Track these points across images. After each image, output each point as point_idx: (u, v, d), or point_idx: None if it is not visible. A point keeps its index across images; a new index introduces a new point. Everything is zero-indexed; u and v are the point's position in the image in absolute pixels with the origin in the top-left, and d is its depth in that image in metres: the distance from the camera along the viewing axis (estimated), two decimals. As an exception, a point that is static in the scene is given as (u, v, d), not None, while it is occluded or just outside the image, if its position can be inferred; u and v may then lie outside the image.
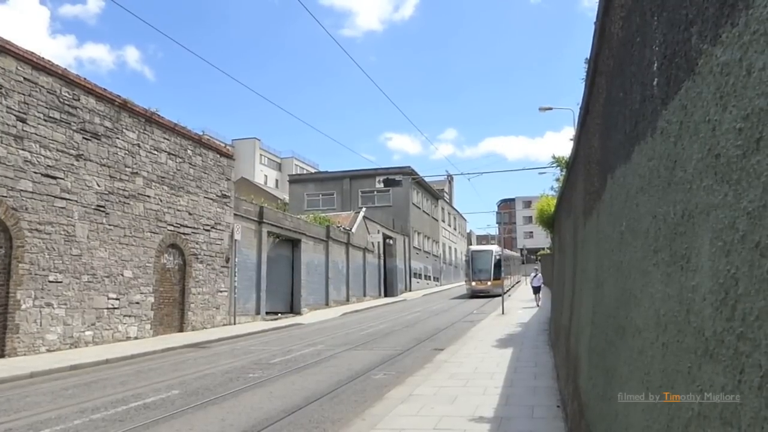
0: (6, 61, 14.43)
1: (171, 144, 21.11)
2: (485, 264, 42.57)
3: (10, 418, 8.53)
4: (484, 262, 42.77)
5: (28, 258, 14.85)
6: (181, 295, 21.45)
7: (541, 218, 25.28)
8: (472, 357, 13.11)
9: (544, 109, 29.66)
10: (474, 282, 42.82)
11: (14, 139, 14.57)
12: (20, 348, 14.47)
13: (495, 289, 38.16)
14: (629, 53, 2.88)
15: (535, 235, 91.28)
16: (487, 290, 40.59)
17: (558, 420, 7.08)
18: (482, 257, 43.52)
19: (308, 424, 7.88)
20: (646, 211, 2.40)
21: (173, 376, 12.28)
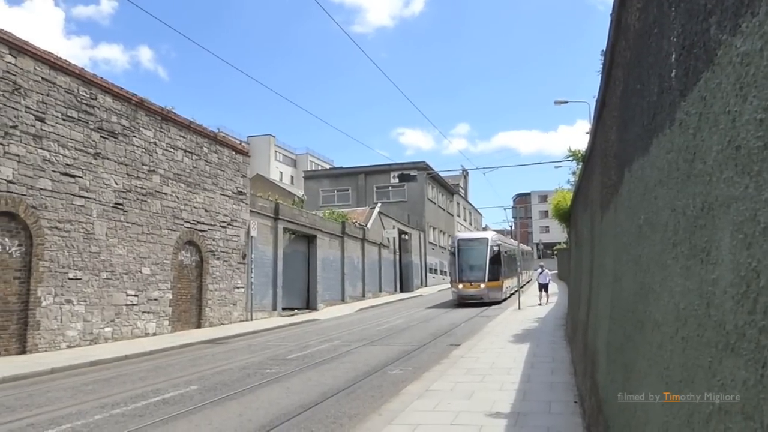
0: (24, 61, 14.59)
1: (187, 142, 21.24)
2: (477, 258, 31.11)
3: (32, 413, 8.65)
4: (474, 256, 31.32)
5: (48, 255, 15.03)
6: (198, 292, 21.61)
7: (557, 212, 25.12)
8: (489, 352, 13.08)
9: (559, 102, 29.50)
10: (461, 284, 31.00)
11: (33, 139, 14.74)
12: (41, 344, 14.66)
13: (492, 294, 30.44)
14: (646, 44, 2.85)
15: (551, 229, 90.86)
16: (480, 295, 30.19)
17: (576, 416, 7.05)
18: (472, 249, 31.77)
19: (325, 419, 7.91)
20: (665, 204, 2.37)
21: (191, 371, 12.39)
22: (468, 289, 30.48)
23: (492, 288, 30.50)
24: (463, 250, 31.80)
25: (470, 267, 31.01)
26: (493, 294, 30.49)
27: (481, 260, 30.77)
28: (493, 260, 30.84)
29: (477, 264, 30.83)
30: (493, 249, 31.22)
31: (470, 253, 31.52)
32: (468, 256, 31.52)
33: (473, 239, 33.10)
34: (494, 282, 30.65)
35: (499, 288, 30.97)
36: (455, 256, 31.93)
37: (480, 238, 32.81)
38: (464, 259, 31.41)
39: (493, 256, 31.07)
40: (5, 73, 14.01)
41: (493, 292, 30.46)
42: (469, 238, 33.67)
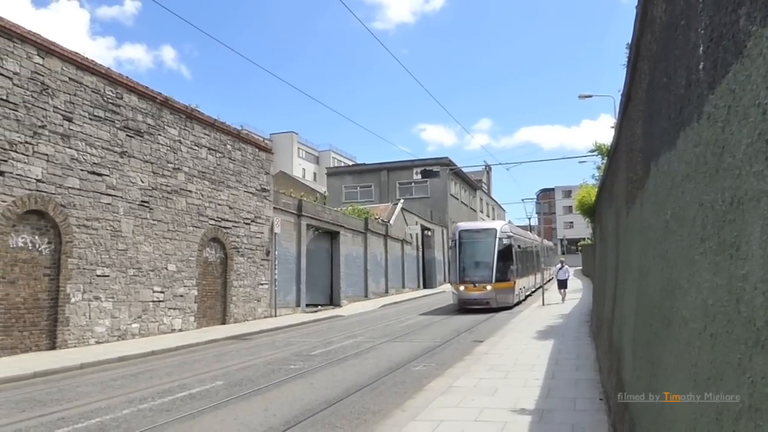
0: (52, 61, 14.83)
1: (211, 140, 21.44)
2: (482, 253, 25.88)
3: (62, 407, 8.83)
4: (479, 251, 26.15)
5: (76, 253, 15.29)
6: (223, 288, 21.82)
7: (581, 208, 24.90)
8: (512, 349, 13.02)
9: (583, 96, 29.15)
10: (462, 285, 25.46)
11: (61, 138, 14.99)
12: (71, 340, 14.93)
13: (501, 298, 25.07)
14: (673, 37, 2.80)
15: (576, 225, 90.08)
16: (485, 299, 24.77)
17: (601, 413, 6.99)
18: (477, 242, 26.39)
19: (349, 414, 7.95)
20: (693, 199, 2.34)
21: (217, 367, 12.52)
22: (471, 292, 24.98)
23: (501, 290, 25.04)
24: (466, 243, 26.18)
25: (474, 264, 25.80)
26: (503, 297, 25.19)
27: (487, 256, 25.32)
28: (502, 256, 25.44)
29: (482, 261, 25.50)
30: (502, 242, 25.64)
31: (474, 248, 26.07)
32: (471, 251, 26.14)
33: (478, 230, 27.24)
34: (504, 283, 25.20)
35: (510, 290, 25.70)
36: (456, 250, 26.38)
37: (486, 229, 26.93)
38: (467, 255, 26.12)
39: (503, 250, 25.60)
40: (33, 73, 14.26)
41: (502, 295, 25.12)
42: (473, 229, 27.40)
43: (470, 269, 25.63)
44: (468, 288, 25.06)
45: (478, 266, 25.56)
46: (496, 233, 25.80)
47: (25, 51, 14.08)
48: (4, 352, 13.15)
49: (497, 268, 24.99)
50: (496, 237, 25.57)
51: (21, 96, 13.88)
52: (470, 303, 25.08)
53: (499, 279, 24.97)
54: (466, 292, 25.15)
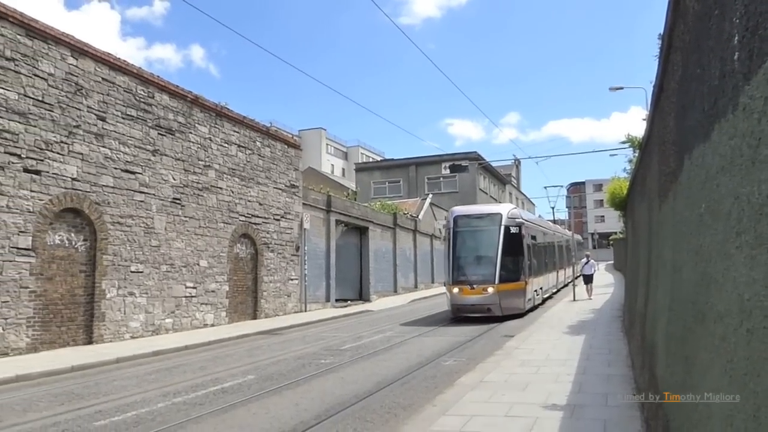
0: (85, 62, 15.13)
1: (240, 137, 21.65)
2: (482, 246, 20.54)
3: (99, 400, 9.03)
4: (479, 242, 20.72)
5: (111, 250, 15.60)
6: (253, 284, 22.06)
7: (612, 201, 24.58)
8: (543, 344, 12.92)
9: (614, 88, 28.71)
10: (456, 287, 19.98)
11: (95, 137, 15.29)
12: (106, 335, 15.25)
13: (507, 302, 19.56)
14: (706, 27, 2.75)
15: (607, 219, 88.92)
16: (486, 305, 19.38)
17: (633, 409, 6.90)
18: (476, 232, 20.90)
19: (380, 409, 7.98)
20: (728, 192, 2.30)
21: (248, 361, 12.68)
22: (467, 296, 19.44)
23: (507, 293, 19.49)
24: (462, 233, 20.68)
25: (471, 260, 20.44)
26: (510, 302, 19.61)
27: (489, 249, 20.01)
28: (509, 248, 19.97)
29: (482, 255, 20.21)
30: (509, 231, 20.04)
31: (472, 238, 20.70)
32: (469, 242, 20.74)
33: (478, 215, 21.31)
34: (511, 284, 19.68)
35: (520, 292, 20.08)
36: (450, 242, 20.88)
37: (489, 215, 21.01)
38: (463, 248, 20.61)
39: (511, 241, 20.06)
40: (68, 74, 14.56)
41: (509, 299, 19.56)
42: (472, 215, 21.43)
43: (467, 266, 20.17)
44: (463, 290, 19.47)
45: (477, 262, 20.18)
46: (501, 219, 20.08)
47: (60, 52, 14.39)
48: (43, 346, 13.50)
49: (502, 264, 19.51)
50: (501, 224, 19.96)
51: (56, 96, 14.19)
52: (466, 310, 19.56)
53: (505, 278, 19.40)
54: (461, 295, 19.49)
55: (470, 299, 19.44)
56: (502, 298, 19.26)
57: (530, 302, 21.49)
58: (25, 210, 13.27)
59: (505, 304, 19.35)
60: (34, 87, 13.63)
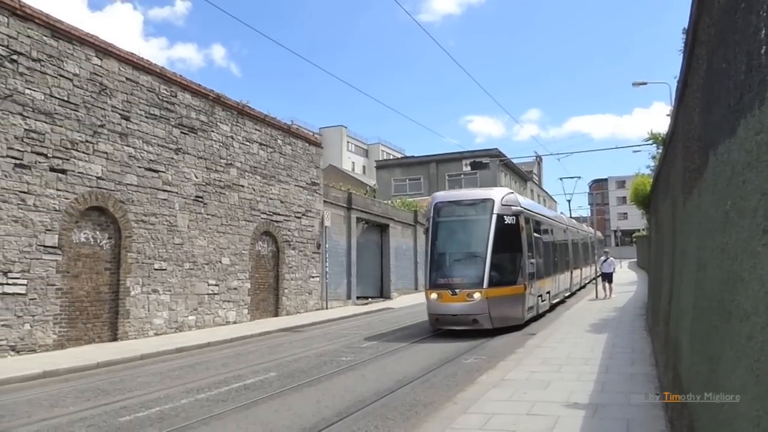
0: (109, 62, 15.32)
1: (262, 135, 21.78)
2: (469, 240, 16.68)
3: (124, 396, 9.16)
4: (465, 236, 16.83)
5: (135, 247, 15.80)
6: (275, 281, 22.20)
7: (636, 198, 24.30)
8: (565, 342, 12.83)
9: (637, 84, 28.38)
10: (435, 292, 15.96)
11: (119, 137, 15.48)
12: (131, 332, 15.46)
13: (498, 311, 15.47)
14: (732, 21, 2.71)
15: (630, 216, 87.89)
16: (471, 315, 15.39)
17: (657, 408, 6.82)
18: (462, 222, 17.05)
19: (401, 407, 7.99)
20: (754, 189, 2.26)
21: (270, 358, 12.76)
22: (447, 304, 15.43)
23: (499, 300, 15.36)
24: (444, 224, 16.81)
25: (454, 258, 16.49)
26: (503, 311, 15.53)
27: (476, 244, 15.99)
28: (503, 243, 15.91)
29: (468, 252, 16.36)
30: (503, 221, 16.02)
31: (457, 231, 16.81)
32: (452, 235, 16.78)
33: (464, 202, 17.09)
34: (505, 287, 15.64)
35: (517, 299, 16.05)
36: (429, 236, 17.12)
37: (478, 201, 16.81)
38: (444, 243, 16.66)
39: (505, 235, 15.99)
40: (92, 74, 14.76)
41: (501, 308, 15.43)
42: (457, 201, 17.27)
43: (448, 266, 16.30)
44: (443, 296, 15.43)
45: (462, 260, 16.30)
46: (493, 206, 16.04)
47: (84, 53, 14.59)
48: (69, 343, 13.73)
49: (494, 262, 15.49)
50: (493, 212, 15.94)
51: (81, 96, 14.39)
52: (446, 321, 15.67)
53: (497, 281, 15.46)
54: (440, 302, 15.50)
55: (452, 308, 15.29)
56: (493, 306, 15.12)
57: (531, 311, 17.26)
58: (52, 208, 13.49)
59: (496, 314, 15.24)
60: (59, 87, 13.84)
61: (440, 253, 16.58)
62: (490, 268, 15.40)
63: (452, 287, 15.43)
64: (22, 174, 12.89)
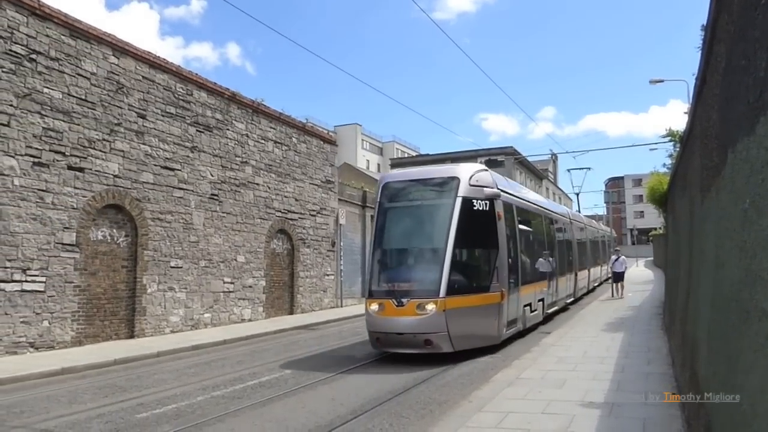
0: (126, 61, 15.45)
1: (277, 133, 21.86)
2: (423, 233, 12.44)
3: (141, 393, 9.25)
4: (417, 227, 12.54)
5: (151, 245, 15.93)
6: (290, 279, 22.28)
7: (652, 197, 24.08)
8: (581, 341, 12.76)
9: (655, 81, 28.11)
10: (376, 303, 11.70)
11: (136, 135, 15.61)
12: (147, 329, 15.59)
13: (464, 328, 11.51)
14: (752, 17, 2.68)
15: (647, 214, 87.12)
16: (423, 333, 11.15)
17: (674, 408, 6.77)
18: (415, 207, 12.70)
19: (415, 405, 7.99)
20: (774, 187, 2.23)
21: (285, 356, 12.81)
22: (392, 317, 11.46)
23: (463, 312, 11.49)
24: (393, 211, 12.92)
25: (403, 256, 12.74)
26: (468, 327, 11.71)
27: (432, 238, 12.19)
28: (470, 236, 12.18)
29: (421, 247, 12.48)
30: (472, 208, 12.13)
31: (408, 219, 12.79)
32: (402, 226, 12.81)
33: (422, 182, 12.97)
34: (472, 296, 11.87)
35: (490, 311, 12.16)
36: (375, 226, 13.14)
37: (438, 180, 12.71)
38: (391, 236, 12.84)
39: (473, 224, 12.14)
40: (109, 73, 14.89)
41: (466, 323, 11.61)
42: (413, 180, 13.12)
43: (394, 266, 12.56)
44: (387, 308, 11.46)
45: (413, 260, 12.42)
46: (458, 187, 12.02)
47: (102, 52, 14.72)
48: (87, 340, 13.87)
49: (456, 261, 11.63)
50: (457, 195, 11.92)
51: (98, 95, 14.52)
52: (390, 342, 11.66)
53: (461, 287, 11.60)
54: (382, 316, 11.53)
55: (397, 323, 11.30)
56: (454, 322, 11.21)
57: (514, 325, 13.35)
58: (69, 206, 13.64)
59: (458, 331, 11.30)
60: (77, 86, 13.98)
61: (385, 250, 12.67)
62: (451, 270, 11.33)
63: (398, 295, 11.33)
64: (41, 172, 13.04)
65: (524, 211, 15.54)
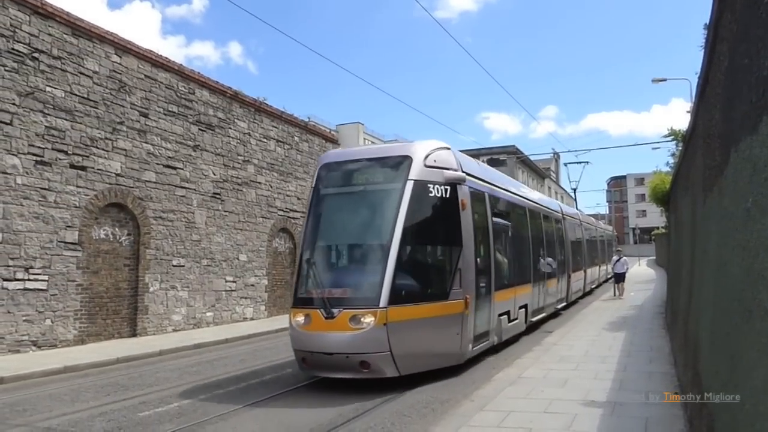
0: (128, 60, 15.46)
1: (279, 132, 21.87)
2: (362, 227, 9.92)
3: (143, 391, 9.26)
4: (355, 218, 10.01)
5: (153, 244, 15.95)
6: (292, 278, 22.27)
7: (655, 196, 24.02)
8: (583, 340, 12.75)
9: (657, 80, 28.04)
10: (302, 314, 9.19)
11: (138, 133, 15.63)
12: (150, 328, 15.62)
13: (414, 347, 9.07)
14: (755, 16, 2.68)
15: (649, 213, 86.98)
16: (359, 354, 8.63)
17: (676, 407, 6.77)
18: (355, 193, 10.13)
19: (417, 404, 7.98)
20: (776, 186, 2.23)
21: (287, 355, 12.75)
22: (320, 333, 8.94)
23: (412, 326, 9.04)
24: (330, 197, 10.54)
25: (337, 256, 10.64)
26: (417, 344, 9.19)
27: (374, 231, 9.74)
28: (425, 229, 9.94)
29: (359, 243, 10.20)
30: (427, 192, 9.65)
31: (347, 208, 10.39)
32: (339, 216, 10.43)
33: (365, 162, 10.29)
34: (425, 305, 9.34)
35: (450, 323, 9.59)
36: (308, 216, 10.47)
37: (386, 160, 10.11)
38: (325, 229, 10.41)
39: (428, 213, 9.87)
40: (112, 72, 14.91)
41: (414, 339, 9.09)
42: (355, 160, 10.43)
43: (325, 267, 10.06)
44: (314, 320, 9.08)
45: (348, 259, 10.46)
46: (409, 168, 9.66)
47: (104, 50, 14.74)
48: (89, 338, 13.90)
49: (403, 261, 9.25)
50: (408, 177, 9.56)
51: (101, 94, 14.54)
52: (319, 364, 9.16)
53: (410, 293, 9.33)
54: (308, 330, 9.16)
55: (325, 340, 8.91)
56: (400, 338, 8.82)
57: (484, 339, 10.96)
58: (72, 205, 13.66)
59: (406, 350, 8.95)
60: (79, 85, 14.00)
61: (316, 247, 10.08)
62: (398, 272, 8.92)
63: (328, 304, 8.86)
64: (43, 171, 13.06)
65: (502, 201, 13.18)
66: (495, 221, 12.02)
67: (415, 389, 8.80)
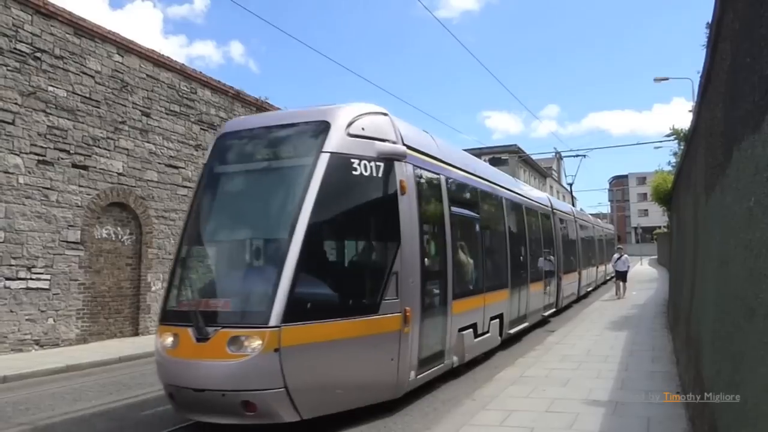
0: (130, 59, 15.48)
1: (280, 131, 21.85)
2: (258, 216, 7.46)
3: (146, 390, 9.27)
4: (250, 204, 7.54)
5: (155, 243, 15.97)
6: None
7: (657, 195, 24.05)
8: (585, 339, 12.75)
9: (659, 79, 28.03)
10: (169, 331, 6.62)
11: (140, 133, 15.65)
12: (151, 327, 15.62)
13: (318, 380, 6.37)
14: (758, 14, 2.67)
15: (651, 213, 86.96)
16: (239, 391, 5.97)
17: (678, 407, 6.76)
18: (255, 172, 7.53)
19: (420, 403, 7.98)
20: (779, 185, 2.23)
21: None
22: (187, 360, 6.28)
23: (316, 350, 6.34)
24: (224, 177, 7.83)
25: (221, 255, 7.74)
26: (328, 376, 6.54)
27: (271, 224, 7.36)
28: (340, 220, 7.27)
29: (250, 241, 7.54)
30: (349, 169, 7.03)
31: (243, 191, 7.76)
32: (230, 201, 7.87)
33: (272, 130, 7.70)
34: (342, 322, 6.66)
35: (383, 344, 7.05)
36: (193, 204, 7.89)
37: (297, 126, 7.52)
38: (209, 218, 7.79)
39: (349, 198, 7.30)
40: (114, 71, 14.93)
41: (321, 371, 6.43)
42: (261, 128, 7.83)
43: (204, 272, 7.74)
44: (182, 343, 6.41)
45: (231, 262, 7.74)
46: (326, 137, 7.04)
47: (106, 50, 14.76)
48: (91, 337, 13.92)
49: (311, 263, 6.63)
50: (321, 149, 6.94)
51: (103, 93, 14.56)
52: (187, 404, 6.48)
53: (316, 306, 6.56)
54: (175, 356, 6.47)
55: (194, 372, 6.30)
56: (301, 368, 6.29)
57: (435, 363, 8.55)
58: (74, 204, 13.67)
59: (310, 384, 6.40)
60: (81, 84, 14.02)
61: (194, 244, 7.84)
62: (301, 276, 6.42)
63: (200, 321, 6.34)
64: (45, 170, 13.08)
65: (466, 188, 10.65)
66: (455, 211, 9.46)
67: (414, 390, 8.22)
